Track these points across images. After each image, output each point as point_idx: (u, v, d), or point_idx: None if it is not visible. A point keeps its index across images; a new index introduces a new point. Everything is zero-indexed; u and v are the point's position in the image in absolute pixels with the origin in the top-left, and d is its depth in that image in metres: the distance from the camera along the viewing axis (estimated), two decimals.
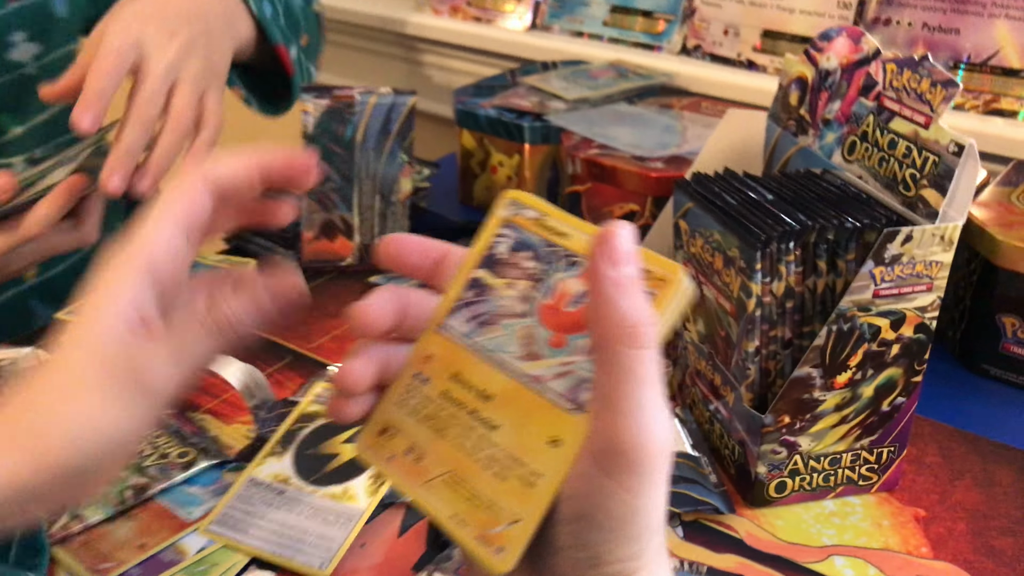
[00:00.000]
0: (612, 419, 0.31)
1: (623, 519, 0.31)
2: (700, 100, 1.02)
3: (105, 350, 0.35)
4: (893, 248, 0.53)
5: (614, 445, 0.31)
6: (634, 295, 0.31)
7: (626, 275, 0.31)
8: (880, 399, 0.58)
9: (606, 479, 0.31)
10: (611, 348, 0.31)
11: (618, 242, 0.31)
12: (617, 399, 0.31)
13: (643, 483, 0.31)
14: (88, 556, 0.54)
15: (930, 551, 0.57)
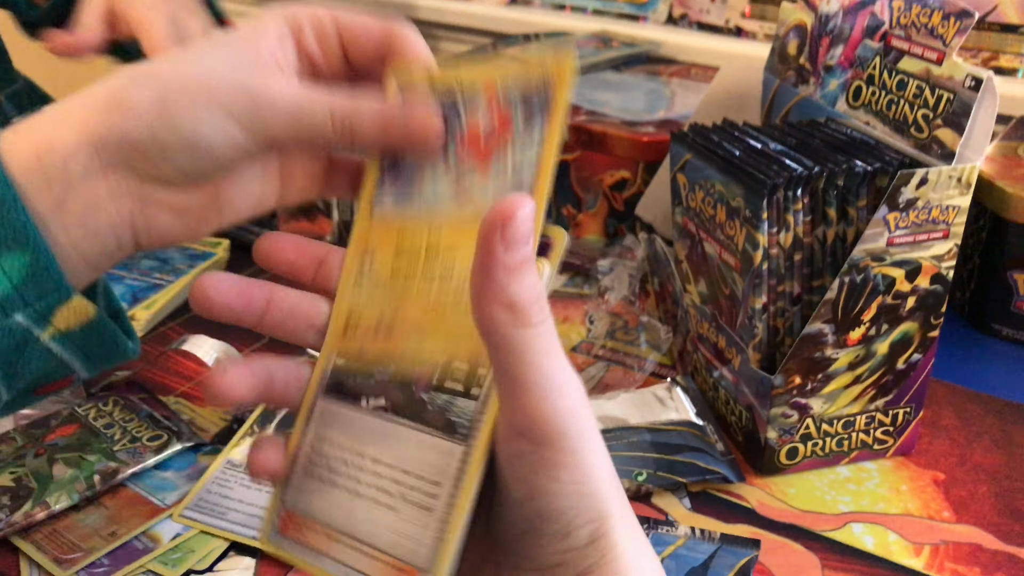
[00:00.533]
0: (522, 395, 0.30)
1: (576, 481, 0.30)
2: (689, 67, 0.98)
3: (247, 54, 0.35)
4: (908, 192, 0.49)
5: (534, 419, 0.30)
6: (528, 276, 0.30)
7: (521, 257, 0.29)
8: (895, 356, 0.55)
9: (543, 450, 0.30)
10: (501, 332, 0.29)
11: (518, 223, 0.29)
12: (520, 375, 0.29)
13: (579, 442, 0.30)
14: (54, 546, 0.50)
15: (952, 515, 0.54)
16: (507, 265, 0.29)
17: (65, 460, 0.55)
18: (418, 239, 0.34)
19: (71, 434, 0.57)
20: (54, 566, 0.49)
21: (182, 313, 0.73)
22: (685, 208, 0.59)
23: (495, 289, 0.29)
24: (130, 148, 0.33)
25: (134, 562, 0.49)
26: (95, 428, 0.58)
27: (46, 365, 0.35)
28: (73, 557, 0.49)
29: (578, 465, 0.30)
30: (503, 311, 0.29)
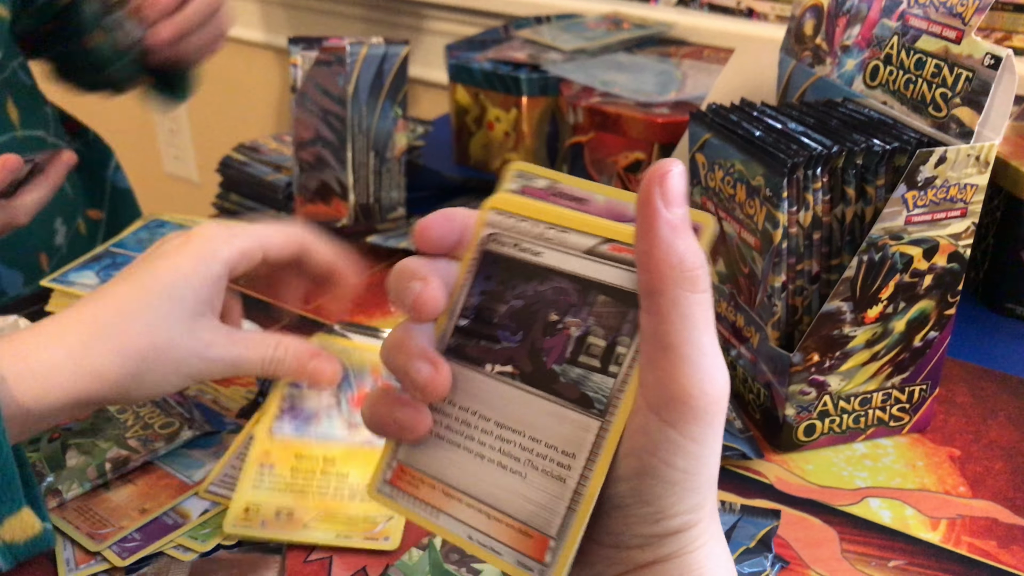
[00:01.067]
0: (673, 367, 0.29)
1: (688, 470, 0.30)
2: (701, 49, 0.98)
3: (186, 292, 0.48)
4: (926, 170, 0.50)
5: (678, 394, 0.29)
6: (690, 236, 0.29)
7: (681, 216, 0.29)
8: (912, 334, 0.55)
9: (670, 430, 0.29)
10: (670, 293, 0.29)
11: (674, 181, 0.29)
12: (678, 345, 0.29)
13: (707, 430, 0.29)
14: (86, 522, 0.51)
15: (968, 490, 0.54)
16: (670, 222, 0.29)
17: (78, 446, 0.56)
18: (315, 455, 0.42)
19: (85, 420, 0.58)
20: (88, 540, 0.50)
21: None
22: (704, 188, 0.59)
23: (662, 246, 0.29)
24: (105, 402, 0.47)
25: (165, 537, 0.50)
26: (108, 413, 0.58)
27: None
28: (105, 532, 0.50)
29: (696, 454, 0.29)
30: (672, 268, 0.29)
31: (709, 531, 0.31)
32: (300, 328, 0.70)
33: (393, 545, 0.49)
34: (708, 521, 0.31)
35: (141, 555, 0.49)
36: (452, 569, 0.47)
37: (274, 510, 0.51)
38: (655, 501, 0.30)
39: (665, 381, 0.29)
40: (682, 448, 0.29)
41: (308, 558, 0.49)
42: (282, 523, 0.50)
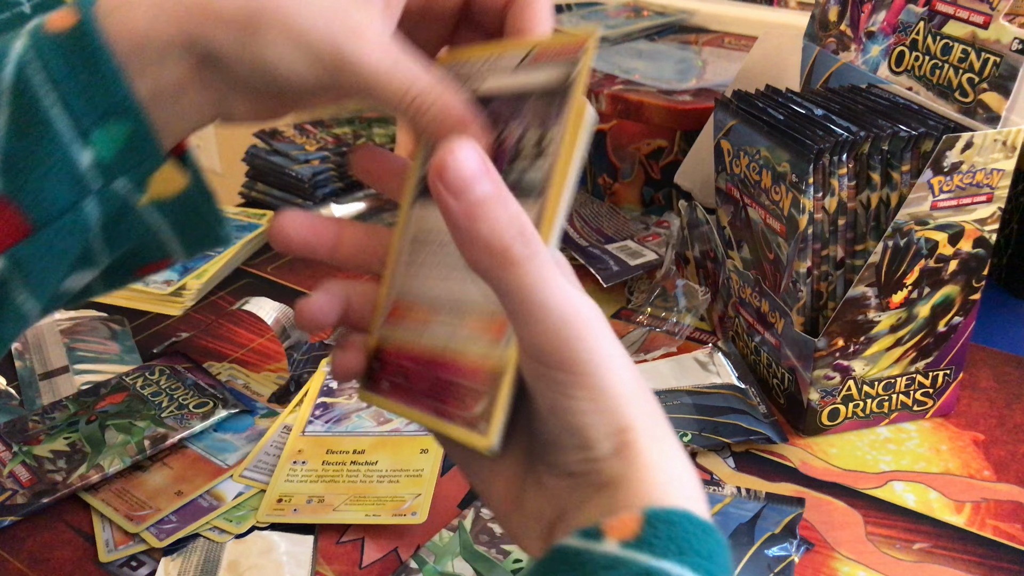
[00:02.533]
0: (527, 330, 0.30)
1: (593, 397, 0.30)
2: (722, 36, 0.98)
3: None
4: (952, 156, 0.50)
5: (541, 349, 0.30)
6: (492, 215, 0.29)
7: (476, 199, 0.29)
8: (937, 319, 0.55)
9: (555, 372, 0.30)
10: (490, 275, 0.30)
11: (454, 170, 0.29)
12: (521, 313, 0.30)
13: (590, 362, 0.30)
14: (123, 504, 0.52)
15: (992, 474, 0.55)
16: (463, 211, 0.29)
17: (116, 426, 0.57)
18: None
19: (120, 402, 0.59)
20: (126, 521, 0.51)
21: (232, 282, 0.75)
22: (729, 174, 0.60)
23: (464, 237, 0.29)
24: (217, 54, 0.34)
25: (200, 519, 0.51)
26: (143, 396, 0.60)
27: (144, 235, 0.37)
28: (143, 514, 0.51)
29: (593, 385, 0.30)
30: (483, 256, 0.29)
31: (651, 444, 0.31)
32: None
33: (421, 519, 0.50)
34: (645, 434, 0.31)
35: (178, 536, 0.50)
36: (482, 550, 0.48)
37: (305, 498, 0.52)
38: (576, 431, 0.31)
39: (527, 339, 0.30)
40: (574, 383, 0.30)
41: (340, 540, 0.50)
42: (313, 508, 0.51)
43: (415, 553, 0.49)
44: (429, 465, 0.54)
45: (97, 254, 0.36)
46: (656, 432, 0.32)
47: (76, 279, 0.37)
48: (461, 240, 0.30)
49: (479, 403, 0.32)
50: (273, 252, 0.80)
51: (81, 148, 0.34)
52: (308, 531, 0.51)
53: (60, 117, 0.34)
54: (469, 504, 0.52)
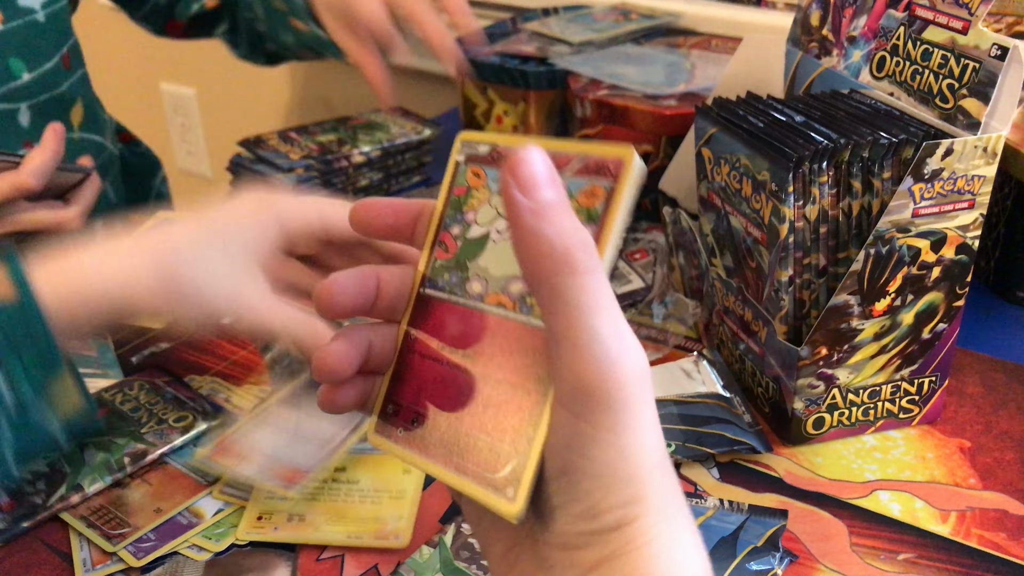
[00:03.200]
0: (569, 359, 0.28)
1: (608, 462, 0.28)
2: (710, 39, 0.98)
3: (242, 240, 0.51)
4: (933, 162, 0.50)
5: (578, 386, 0.28)
6: (558, 219, 0.28)
7: (545, 200, 0.28)
8: (921, 326, 0.55)
9: (581, 423, 0.28)
10: (548, 282, 0.28)
11: (528, 167, 0.28)
12: (569, 334, 0.28)
13: (620, 419, 0.28)
14: (102, 522, 0.52)
15: (978, 482, 0.54)
16: (532, 209, 0.28)
17: (95, 444, 0.56)
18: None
19: (100, 419, 0.59)
20: (104, 541, 0.50)
21: None
22: (710, 182, 0.59)
23: (529, 236, 0.28)
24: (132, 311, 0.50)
25: (179, 536, 0.51)
26: (122, 412, 0.59)
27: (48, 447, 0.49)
28: (121, 532, 0.51)
29: (614, 445, 0.28)
30: (544, 259, 0.28)
31: (657, 527, 0.29)
32: None
33: (403, 543, 0.50)
34: (654, 516, 0.29)
35: (156, 555, 0.50)
36: (462, 566, 0.48)
37: (286, 516, 0.51)
38: (584, 497, 0.29)
39: (565, 373, 0.28)
40: (596, 440, 0.28)
41: (320, 557, 0.50)
42: (294, 526, 0.51)
43: (395, 570, 0.48)
44: (412, 486, 0.53)
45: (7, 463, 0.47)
46: (667, 509, 0.30)
47: None
48: (524, 240, 0.28)
49: (507, 465, 0.30)
50: None
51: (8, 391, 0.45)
52: (288, 547, 0.50)
53: None
54: (450, 519, 0.51)
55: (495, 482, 0.30)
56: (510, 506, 0.29)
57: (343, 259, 0.54)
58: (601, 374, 0.27)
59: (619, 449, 0.28)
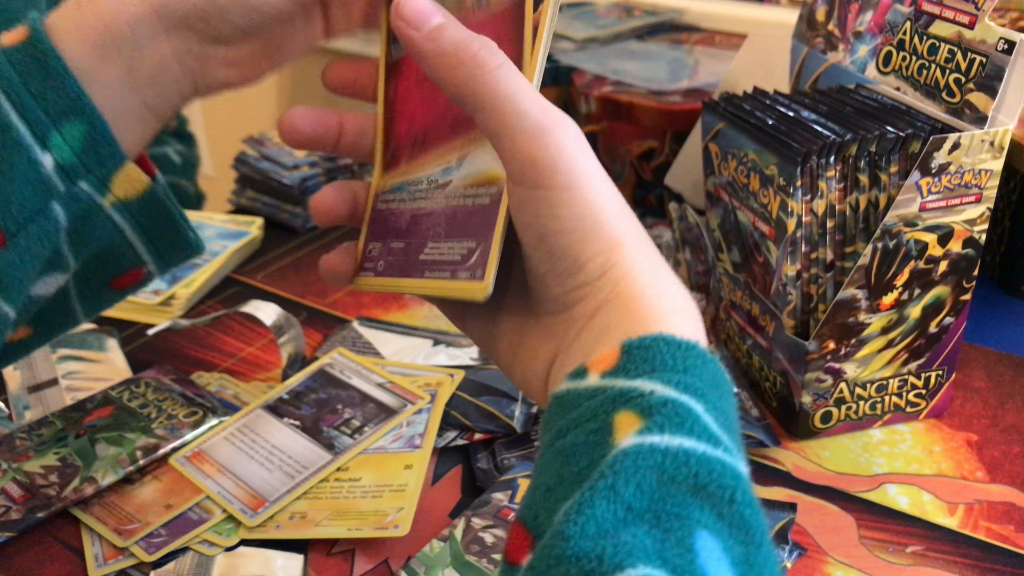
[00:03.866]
0: (508, 142, 0.31)
1: (577, 216, 0.31)
2: (713, 35, 0.98)
3: None
4: (940, 157, 0.50)
5: (524, 161, 0.31)
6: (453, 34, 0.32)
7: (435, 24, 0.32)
8: (928, 320, 0.55)
9: (540, 191, 0.31)
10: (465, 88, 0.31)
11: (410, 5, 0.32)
12: (501, 122, 0.31)
13: (571, 177, 0.31)
14: (113, 518, 0.52)
15: (986, 475, 0.54)
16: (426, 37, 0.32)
17: (106, 439, 0.57)
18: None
19: (108, 416, 0.59)
20: (115, 536, 0.51)
21: (221, 291, 0.75)
22: (717, 177, 0.59)
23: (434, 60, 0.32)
24: (189, 11, 0.36)
25: (190, 532, 0.51)
26: (130, 409, 0.59)
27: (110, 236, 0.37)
28: (132, 528, 0.51)
29: (576, 201, 0.31)
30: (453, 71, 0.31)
31: (638, 266, 0.32)
32: (316, 322, 0.70)
33: (403, 532, 0.49)
34: (632, 257, 0.32)
35: (167, 550, 0.50)
36: (473, 560, 0.48)
37: (288, 515, 0.51)
38: (566, 253, 0.32)
39: (508, 156, 0.32)
40: (559, 200, 0.31)
41: (331, 551, 0.50)
42: (296, 524, 0.51)
43: (405, 564, 0.48)
44: (413, 480, 0.53)
45: (65, 256, 0.37)
46: (642, 250, 0.33)
47: (46, 283, 0.37)
48: (433, 65, 0.32)
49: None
50: (263, 260, 0.80)
51: (42, 152, 0.35)
52: (298, 542, 0.50)
53: (18, 124, 0.34)
54: (459, 514, 0.52)
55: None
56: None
57: None
58: (540, 144, 0.31)
59: (582, 202, 0.31)
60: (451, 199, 0.36)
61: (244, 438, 0.56)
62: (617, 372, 0.30)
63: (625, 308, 0.32)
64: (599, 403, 0.29)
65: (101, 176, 0.36)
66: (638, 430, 0.28)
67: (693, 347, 0.30)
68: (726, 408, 0.30)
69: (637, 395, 0.29)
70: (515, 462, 0.54)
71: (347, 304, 0.73)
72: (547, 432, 0.31)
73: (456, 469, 0.55)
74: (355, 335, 0.67)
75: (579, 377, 0.31)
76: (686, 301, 0.33)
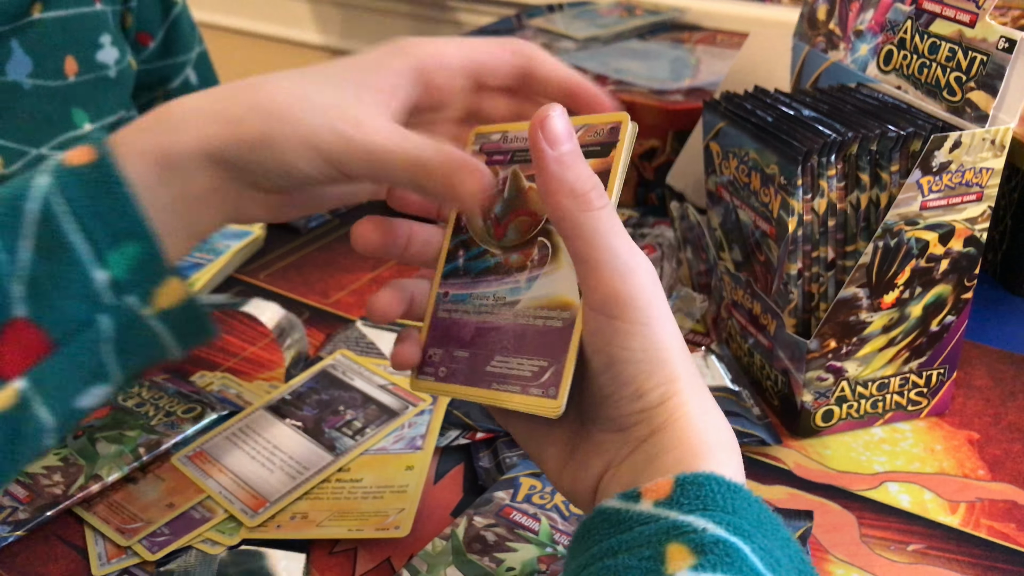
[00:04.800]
0: (595, 274, 0.35)
1: (645, 349, 0.35)
2: (715, 34, 0.98)
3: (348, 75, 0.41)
4: (941, 155, 0.50)
5: (607, 294, 0.35)
6: (576, 166, 0.35)
7: (565, 151, 0.35)
8: (929, 318, 0.55)
9: (616, 322, 0.35)
10: (570, 217, 0.35)
11: (552, 123, 0.35)
12: (593, 257, 0.35)
13: (646, 314, 0.35)
14: (116, 517, 0.52)
15: (987, 473, 0.54)
16: (555, 158, 0.35)
17: (106, 438, 0.57)
18: None
19: (105, 416, 0.59)
20: (118, 535, 0.51)
21: (224, 290, 0.75)
22: (718, 176, 0.59)
23: (553, 181, 0.35)
24: (236, 164, 0.39)
25: (193, 531, 0.51)
26: (127, 408, 0.60)
27: (149, 343, 0.40)
28: (135, 527, 0.51)
29: (647, 335, 0.35)
30: (566, 198, 0.35)
31: (692, 400, 0.36)
32: (319, 321, 0.70)
33: (403, 533, 0.50)
34: (687, 391, 0.36)
35: (170, 549, 0.50)
36: (475, 558, 0.48)
37: (289, 515, 0.52)
38: (630, 382, 0.36)
39: (593, 286, 0.36)
40: (631, 333, 0.35)
41: (333, 550, 0.50)
42: (296, 524, 0.51)
43: (408, 563, 0.49)
44: (414, 481, 0.53)
45: (109, 367, 0.39)
46: (695, 385, 0.37)
47: (92, 395, 0.40)
48: (549, 184, 0.35)
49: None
50: (265, 260, 0.80)
51: (98, 269, 0.37)
52: (301, 542, 0.51)
53: (80, 242, 0.37)
54: (461, 512, 0.52)
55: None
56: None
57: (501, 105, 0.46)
58: (624, 282, 0.35)
59: (651, 338, 0.35)
60: (520, 317, 0.39)
61: (246, 438, 0.57)
62: (671, 504, 0.33)
63: (677, 438, 0.35)
64: (652, 531, 0.32)
65: (147, 290, 0.39)
66: (691, 565, 0.30)
67: (739, 489, 0.33)
68: (771, 547, 0.33)
69: (691, 530, 0.32)
70: (517, 461, 0.55)
71: (349, 304, 0.73)
72: (591, 543, 0.34)
73: (458, 468, 0.56)
74: (358, 335, 0.67)
75: (632, 500, 0.34)
76: (729, 435, 0.37)
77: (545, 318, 0.38)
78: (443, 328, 0.42)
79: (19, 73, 0.67)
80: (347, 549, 0.50)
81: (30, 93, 0.67)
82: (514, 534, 0.49)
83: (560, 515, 0.50)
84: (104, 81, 0.73)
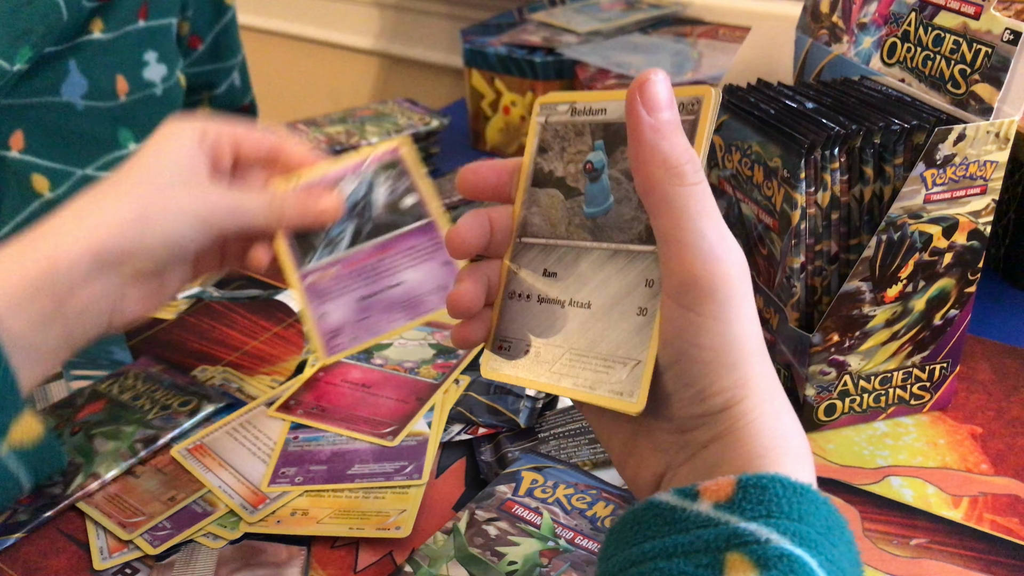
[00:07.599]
0: (678, 256, 0.32)
1: (716, 348, 0.32)
2: (717, 27, 0.98)
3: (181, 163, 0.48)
4: (945, 148, 0.50)
5: (686, 279, 0.31)
6: (674, 136, 0.32)
7: (664, 119, 0.32)
8: (932, 312, 0.55)
9: (690, 313, 0.31)
10: (660, 190, 0.32)
11: (654, 88, 0.32)
12: (678, 236, 0.32)
13: (724, 308, 0.31)
14: (117, 511, 0.52)
15: (990, 467, 0.54)
16: (652, 126, 0.32)
17: (103, 434, 0.57)
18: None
19: (101, 410, 0.59)
20: (119, 529, 0.51)
21: (225, 284, 0.75)
22: (721, 170, 0.59)
23: (647, 149, 0.32)
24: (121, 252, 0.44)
25: (195, 525, 0.51)
26: (122, 402, 0.59)
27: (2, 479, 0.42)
28: (136, 521, 0.51)
29: (720, 333, 0.31)
30: (658, 168, 0.32)
31: (761, 407, 0.32)
32: None
33: (404, 533, 0.50)
34: (757, 397, 0.32)
35: (172, 543, 0.50)
36: (477, 552, 0.48)
37: (290, 511, 0.51)
38: (695, 382, 0.32)
39: (674, 268, 0.32)
40: (704, 328, 0.31)
41: (335, 544, 0.50)
42: (297, 520, 0.51)
43: (409, 557, 0.48)
44: (415, 480, 0.53)
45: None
46: (768, 391, 0.33)
47: None
48: (642, 152, 0.32)
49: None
50: None
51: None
52: (303, 536, 0.50)
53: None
54: (463, 507, 0.52)
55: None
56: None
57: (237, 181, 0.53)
58: (708, 268, 0.31)
59: (725, 337, 0.32)
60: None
61: (247, 434, 0.56)
62: (732, 508, 0.30)
63: (739, 446, 0.32)
64: (712, 537, 0.29)
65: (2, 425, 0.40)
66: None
67: (807, 491, 0.30)
68: (838, 557, 0.30)
69: (753, 540, 0.29)
70: (519, 455, 0.54)
71: None
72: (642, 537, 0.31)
73: (460, 462, 0.55)
74: None
75: (689, 498, 0.31)
76: (801, 441, 0.33)
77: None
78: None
79: (74, 94, 0.66)
80: (348, 544, 0.50)
81: (83, 114, 0.67)
82: (516, 528, 0.49)
83: (562, 509, 0.50)
84: (151, 100, 0.72)
